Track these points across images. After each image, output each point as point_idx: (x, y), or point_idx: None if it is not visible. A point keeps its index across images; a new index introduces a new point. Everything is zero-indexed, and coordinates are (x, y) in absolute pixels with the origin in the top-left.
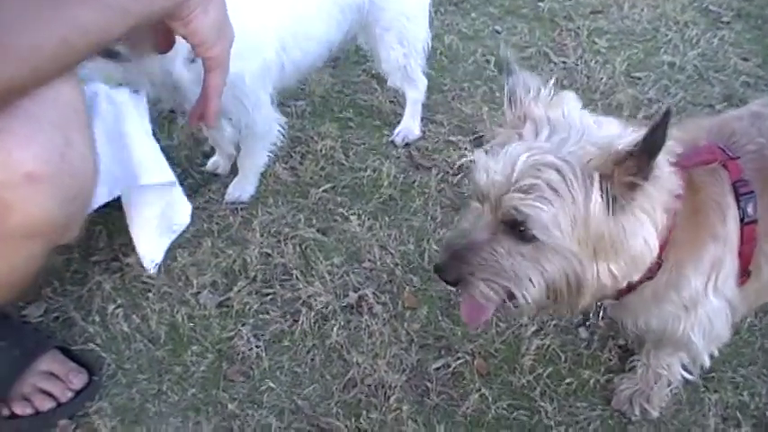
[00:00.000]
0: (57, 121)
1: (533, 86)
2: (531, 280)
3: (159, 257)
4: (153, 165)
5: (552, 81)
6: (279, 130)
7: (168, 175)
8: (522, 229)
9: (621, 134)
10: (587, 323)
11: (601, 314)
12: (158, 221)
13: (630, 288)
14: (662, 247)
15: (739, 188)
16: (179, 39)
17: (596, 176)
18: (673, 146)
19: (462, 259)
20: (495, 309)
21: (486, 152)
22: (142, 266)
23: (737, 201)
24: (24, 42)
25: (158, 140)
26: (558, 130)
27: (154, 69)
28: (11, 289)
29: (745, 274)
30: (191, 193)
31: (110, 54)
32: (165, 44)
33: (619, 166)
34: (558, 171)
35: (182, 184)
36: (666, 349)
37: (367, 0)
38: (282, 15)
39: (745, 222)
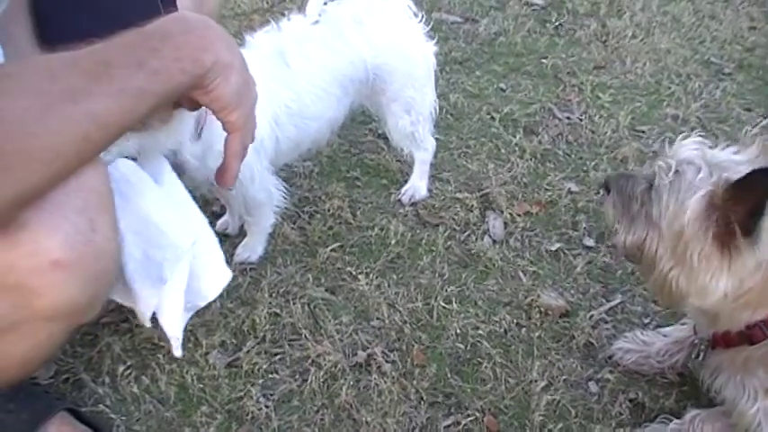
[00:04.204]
0: (81, 206)
1: None
2: (635, 230)
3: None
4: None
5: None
6: (281, 194)
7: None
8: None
9: None
10: (598, 377)
11: (701, 356)
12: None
13: (726, 342)
14: None
15: None
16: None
17: (706, 196)
18: None
19: (618, 181)
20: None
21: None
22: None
23: None
24: (45, 145)
25: None
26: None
27: (167, 140)
28: (31, 366)
29: None
30: None
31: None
32: (193, 104)
33: (726, 202)
34: (696, 170)
35: None
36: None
37: (371, 74)
38: (278, 91)
39: None
